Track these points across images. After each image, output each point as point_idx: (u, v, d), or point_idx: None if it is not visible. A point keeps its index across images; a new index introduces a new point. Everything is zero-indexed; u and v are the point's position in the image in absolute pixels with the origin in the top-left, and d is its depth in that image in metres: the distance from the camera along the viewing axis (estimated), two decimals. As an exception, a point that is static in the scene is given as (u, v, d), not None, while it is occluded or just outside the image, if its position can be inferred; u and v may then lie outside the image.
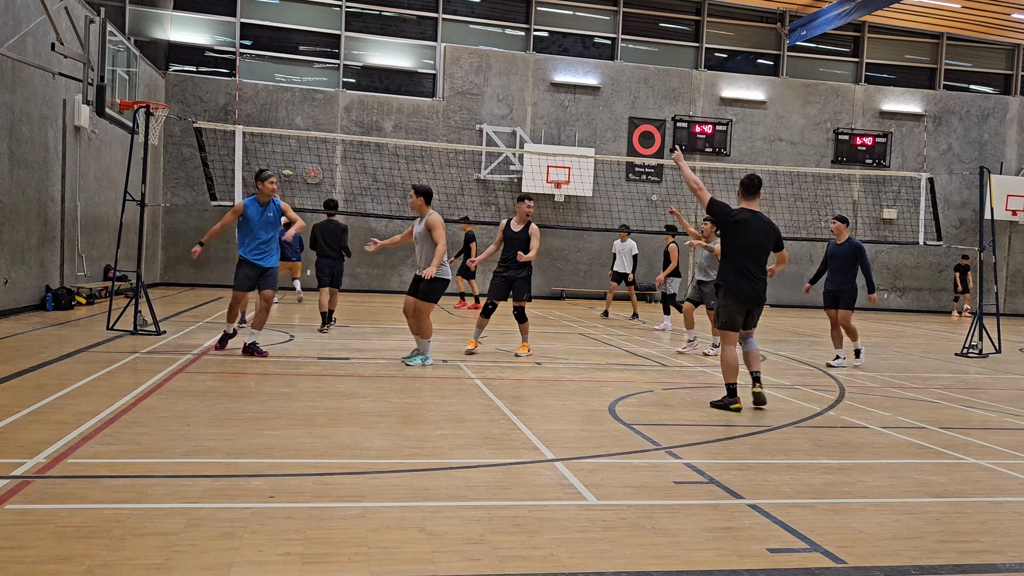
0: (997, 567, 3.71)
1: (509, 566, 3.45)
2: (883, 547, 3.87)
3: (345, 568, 3.37)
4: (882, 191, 26.34)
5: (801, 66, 26.60)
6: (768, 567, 3.56)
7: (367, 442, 5.49)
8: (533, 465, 5.11)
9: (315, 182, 22.90)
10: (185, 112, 21.93)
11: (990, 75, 27.88)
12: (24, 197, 13.28)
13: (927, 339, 15.98)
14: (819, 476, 5.14)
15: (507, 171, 23.92)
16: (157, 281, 22.12)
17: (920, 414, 7.49)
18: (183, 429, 5.63)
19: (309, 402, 6.83)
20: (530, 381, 8.47)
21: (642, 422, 6.56)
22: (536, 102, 24.36)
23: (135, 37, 21.35)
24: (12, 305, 12.94)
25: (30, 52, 12.93)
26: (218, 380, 7.69)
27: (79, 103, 14.80)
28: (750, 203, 7.45)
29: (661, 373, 9.53)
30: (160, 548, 3.47)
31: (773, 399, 7.87)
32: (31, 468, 4.56)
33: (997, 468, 5.54)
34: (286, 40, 23.66)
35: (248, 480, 4.54)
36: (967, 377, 10.58)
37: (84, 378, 7.43)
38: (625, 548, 3.71)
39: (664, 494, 4.61)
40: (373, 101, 23.43)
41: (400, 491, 4.44)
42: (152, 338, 10.49)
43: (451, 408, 6.78)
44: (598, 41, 25.49)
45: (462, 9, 24.74)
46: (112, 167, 17.78)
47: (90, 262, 16.54)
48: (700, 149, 25.14)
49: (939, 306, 26.91)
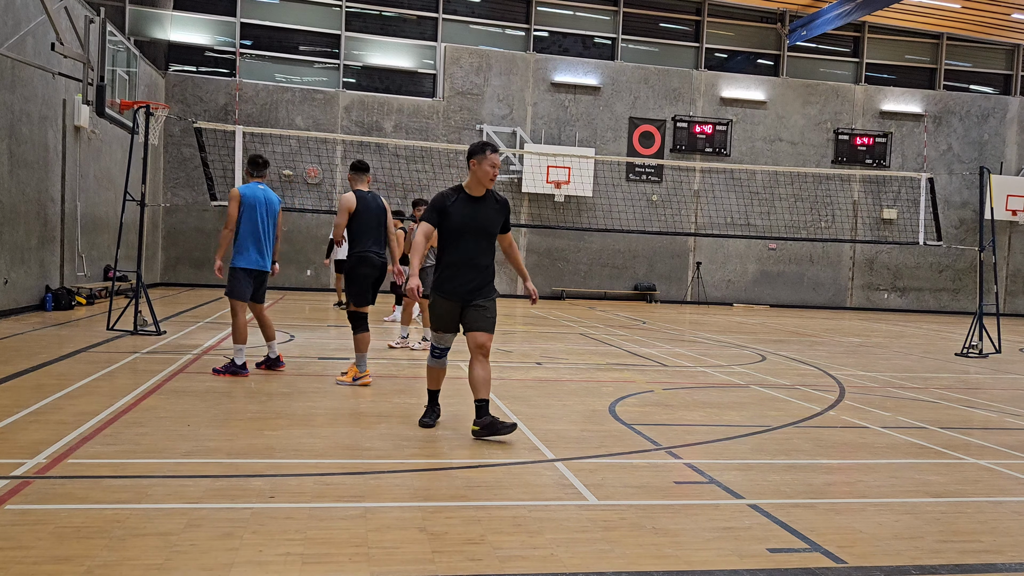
0: (997, 567, 3.70)
1: (509, 566, 3.45)
2: (883, 547, 3.87)
3: (345, 568, 3.36)
4: (882, 191, 26.34)
5: (801, 66, 26.60)
6: (768, 567, 3.56)
7: (367, 442, 5.49)
8: (533, 465, 5.11)
9: (315, 182, 22.90)
10: (185, 112, 21.93)
11: (990, 75, 27.88)
12: (24, 197, 13.28)
13: (927, 339, 15.97)
14: (819, 476, 5.14)
15: (507, 171, 23.92)
16: (157, 281, 22.12)
17: (920, 414, 7.49)
18: (183, 429, 5.62)
19: (309, 402, 6.83)
20: (530, 381, 8.47)
21: (642, 422, 6.56)
22: (536, 102, 24.37)
23: (135, 37, 21.37)
24: (12, 305, 12.94)
25: (30, 52, 12.93)
26: (218, 380, 7.68)
27: (79, 103, 14.80)
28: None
29: (661, 373, 9.53)
30: (160, 548, 3.47)
31: (773, 399, 7.87)
32: (31, 468, 4.56)
33: (997, 468, 5.53)
34: (286, 40, 23.66)
35: (248, 480, 4.54)
36: (967, 377, 10.58)
37: (84, 378, 7.43)
38: (625, 548, 3.71)
39: (664, 494, 4.61)
40: (373, 101, 23.44)
41: (400, 491, 4.44)
42: (152, 338, 10.49)
43: (451, 408, 6.77)
44: (598, 41, 25.49)
45: (462, 9, 24.74)
46: (112, 167, 17.78)
47: (90, 262, 16.54)
48: (700, 149, 25.14)
49: (939, 306, 26.91)
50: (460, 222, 5.80)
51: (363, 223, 7.74)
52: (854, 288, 26.60)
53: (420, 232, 5.81)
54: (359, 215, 7.71)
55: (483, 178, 5.82)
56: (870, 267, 26.67)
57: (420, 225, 5.86)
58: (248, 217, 7.95)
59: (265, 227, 8.03)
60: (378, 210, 7.85)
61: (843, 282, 26.55)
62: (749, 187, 24.93)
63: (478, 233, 5.83)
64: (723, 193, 24.91)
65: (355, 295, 7.83)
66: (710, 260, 25.71)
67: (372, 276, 7.79)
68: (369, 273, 7.77)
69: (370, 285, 7.84)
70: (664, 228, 23.66)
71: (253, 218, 7.95)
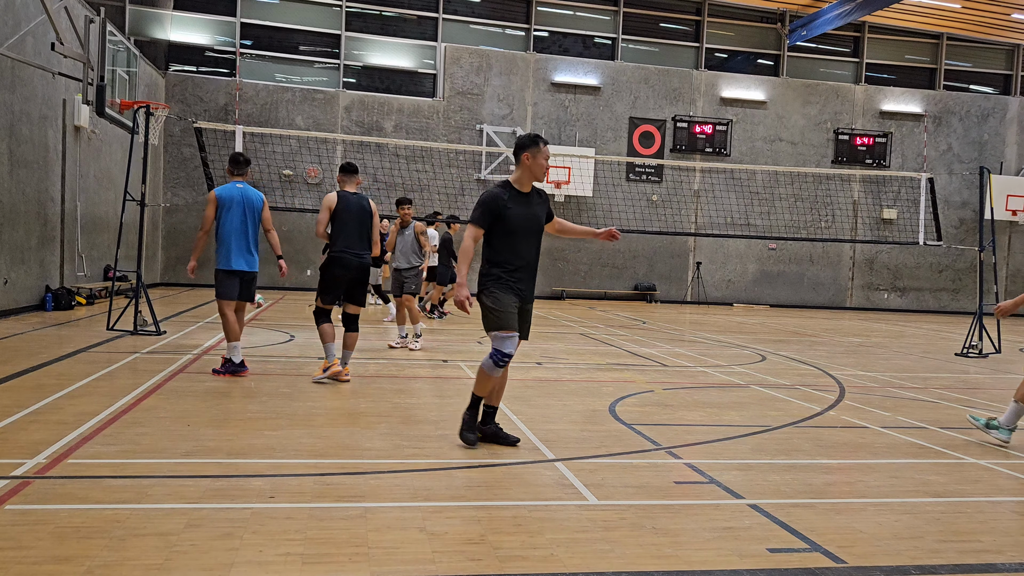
0: (997, 567, 3.70)
1: (509, 566, 3.45)
2: (883, 547, 3.87)
3: (345, 568, 3.36)
4: (882, 191, 26.34)
5: (801, 66, 26.60)
6: (768, 567, 3.56)
7: (367, 442, 5.49)
8: (533, 465, 5.11)
9: (315, 182, 22.90)
10: (185, 112, 21.93)
11: (990, 75, 27.88)
12: (24, 197, 13.28)
13: (927, 339, 15.97)
14: (819, 476, 5.14)
15: (507, 171, 23.91)
16: (157, 281, 22.12)
17: (920, 414, 7.49)
18: (183, 429, 5.62)
19: (309, 402, 6.83)
20: (530, 381, 8.47)
21: (642, 422, 6.55)
22: (536, 102, 24.37)
23: (135, 37, 21.37)
24: (12, 305, 12.94)
25: (30, 52, 12.93)
26: (218, 380, 7.68)
27: (79, 103, 14.81)
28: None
29: (661, 373, 9.53)
30: (160, 548, 3.47)
31: (773, 399, 7.87)
32: (31, 468, 4.56)
33: (997, 468, 5.53)
34: (286, 40, 23.66)
35: (248, 480, 4.54)
36: (967, 377, 10.58)
37: (84, 378, 7.43)
38: (625, 548, 3.71)
39: (664, 494, 4.61)
40: (373, 101, 23.44)
41: (400, 491, 4.44)
42: (152, 338, 10.49)
43: (451, 408, 6.77)
44: (598, 41, 25.49)
45: (462, 9, 24.74)
46: (112, 167, 17.78)
47: (90, 262, 16.54)
48: (700, 149, 25.15)
49: (939, 306, 26.92)
50: (516, 223, 5.39)
51: (342, 223, 7.75)
52: (854, 288, 26.60)
53: (470, 236, 5.41)
54: (339, 215, 7.74)
55: (539, 172, 5.44)
56: (870, 267, 26.67)
57: (469, 228, 5.41)
58: (226, 218, 7.92)
59: (246, 227, 7.98)
60: (360, 211, 7.83)
61: (843, 282, 26.55)
62: (749, 187, 24.93)
63: (532, 233, 5.48)
64: (723, 193, 24.91)
65: (321, 292, 7.88)
66: (710, 260, 25.71)
67: (345, 277, 7.79)
68: (341, 274, 7.77)
69: (342, 286, 7.84)
70: (664, 228, 23.66)
71: (232, 219, 7.92)
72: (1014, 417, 6.17)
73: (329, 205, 7.76)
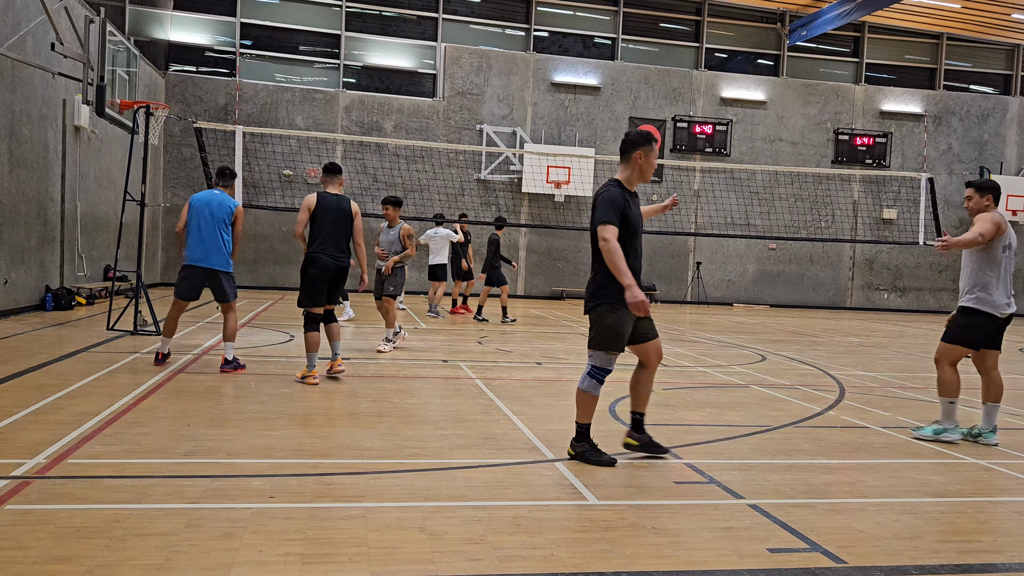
0: (997, 567, 3.70)
1: (509, 566, 3.45)
2: (883, 547, 3.87)
3: (345, 568, 3.36)
4: (882, 191, 26.34)
5: (801, 66, 26.60)
6: (768, 567, 3.56)
7: (367, 442, 5.49)
8: (533, 465, 5.11)
9: (315, 182, 22.89)
10: (185, 112, 21.93)
11: (990, 75, 27.88)
12: (24, 197, 13.28)
13: (927, 339, 15.97)
14: (819, 476, 5.14)
15: (507, 171, 23.92)
16: (157, 281, 22.12)
17: (920, 414, 7.49)
18: (183, 429, 5.62)
19: (309, 402, 6.83)
20: (530, 381, 8.47)
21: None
22: (536, 102, 24.37)
23: (135, 37, 21.37)
24: (12, 305, 12.94)
25: (30, 52, 12.93)
26: (218, 380, 7.69)
27: (79, 103, 14.80)
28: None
29: (661, 373, 9.52)
30: (160, 548, 3.47)
31: (773, 399, 7.86)
32: (31, 468, 4.56)
33: (997, 468, 5.54)
34: (286, 40, 23.66)
35: (248, 480, 4.54)
36: (967, 377, 10.55)
37: (84, 378, 7.43)
38: (625, 548, 3.71)
39: (664, 494, 4.61)
40: (373, 101, 23.44)
41: (400, 491, 4.44)
42: (152, 338, 10.49)
43: (451, 408, 6.77)
44: (598, 41, 25.49)
45: (462, 9, 24.74)
46: (112, 167, 17.78)
47: (90, 262, 16.54)
48: (700, 149, 25.15)
49: (939, 306, 26.91)
50: (636, 223, 5.14)
51: (320, 224, 7.78)
52: (854, 288, 26.60)
53: (613, 236, 4.98)
54: (317, 216, 7.77)
55: (648, 172, 5.25)
56: (870, 267, 26.67)
57: (610, 229, 5.00)
58: (191, 220, 8.58)
59: (210, 228, 8.49)
60: (339, 213, 7.83)
61: (843, 282, 26.55)
62: (749, 187, 24.93)
63: (640, 233, 5.25)
64: (723, 193, 24.90)
65: (304, 293, 7.89)
66: (710, 260, 25.71)
67: (322, 277, 7.78)
68: (317, 274, 7.76)
69: (320, 285, 7.83)
70: (664, 228, 23.65)
71: (196, 221, 8.54)
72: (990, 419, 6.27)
73: (308, 205, 7.79)
